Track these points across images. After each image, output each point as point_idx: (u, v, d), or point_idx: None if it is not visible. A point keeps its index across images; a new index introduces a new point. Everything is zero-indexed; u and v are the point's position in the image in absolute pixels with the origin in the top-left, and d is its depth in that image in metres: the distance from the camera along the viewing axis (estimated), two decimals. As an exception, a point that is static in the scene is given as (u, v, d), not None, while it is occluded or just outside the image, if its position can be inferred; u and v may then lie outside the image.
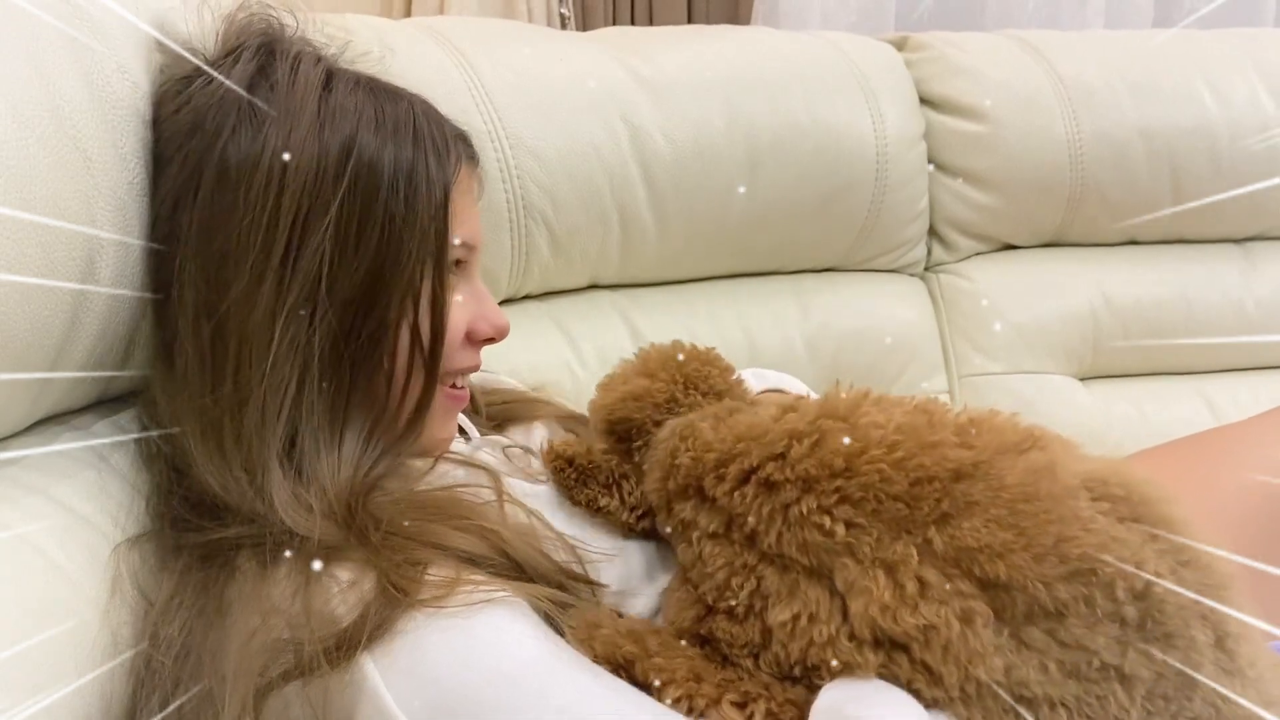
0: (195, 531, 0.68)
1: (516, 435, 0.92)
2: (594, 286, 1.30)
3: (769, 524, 0.62)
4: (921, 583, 0.58)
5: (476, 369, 0.81)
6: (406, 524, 0.67)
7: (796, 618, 0.60)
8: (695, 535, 0.66)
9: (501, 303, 1.23)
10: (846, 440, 0.62)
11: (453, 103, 1.11)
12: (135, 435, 0.75)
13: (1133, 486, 0.62)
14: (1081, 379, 1.47)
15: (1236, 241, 1.55)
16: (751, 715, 0.60)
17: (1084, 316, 1.45)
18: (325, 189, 0.69)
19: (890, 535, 0.59)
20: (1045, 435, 0.64)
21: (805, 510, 0.60)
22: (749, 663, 0.63)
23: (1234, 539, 0.65)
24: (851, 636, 0.59)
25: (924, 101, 1.41)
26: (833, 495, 0.60)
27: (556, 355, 1.22)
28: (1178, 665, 0.57)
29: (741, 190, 1.25)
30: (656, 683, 0.62)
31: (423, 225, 0.72)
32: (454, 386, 0.79)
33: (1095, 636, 0.57)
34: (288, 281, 0.69)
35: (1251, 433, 1.07)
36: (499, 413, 0.96)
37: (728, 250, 1.32)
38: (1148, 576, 0.58)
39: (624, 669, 0.64)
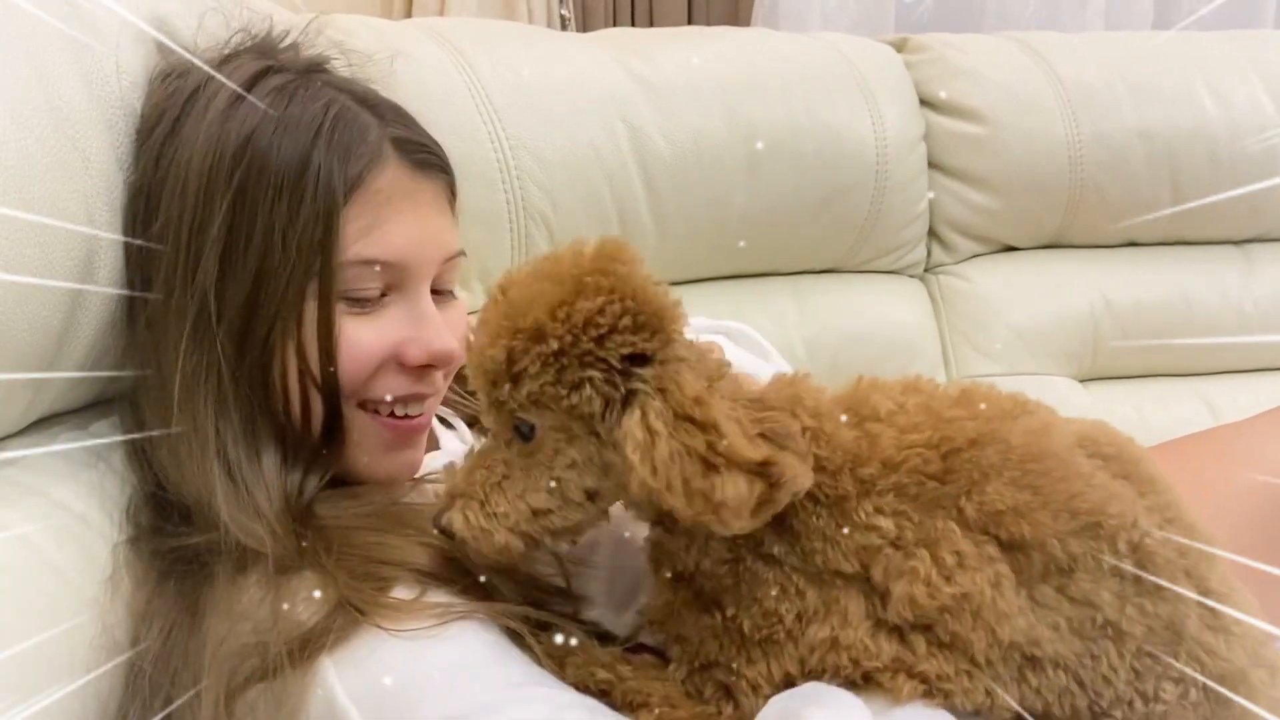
0: (170, 537, 0.68)
1: None
2: (594, 288, 1.29)
3: (829, 541, 0.60)
4: (959, 554, 0.59)
5: (422, 397, 0.75)
6: (367, 539, 0.66)
7: (833, 629, 0.60)
8: (749, 556, 0.62)
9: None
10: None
11: (453, 104, 1.12)
12: (121, 438, 0.74)
13: (1121, 445, 0.64)
14: (1081, 381, 1.46)
15: (1236, 243, 1.55)
16: None
17: (1084, 318, 1.44)
18: (214, 199, 0.67)
19: (927, 515, 0.60)
20: (1029, 400, 0.66)
21: (864, 514, 0.60)
22: (752, 689, 0.62)
23: (1233, 539, 0.65)
24: (872, 630, 0.60)
25: (924, 103, 1.41)
26: (889, 493, 0.60)
27: (556, 356, 1.22)
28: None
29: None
30: (631, 704, 0.62)
31: (305, 240, 0.67)
32: (394, 415, 0.74)
33: (1100, 591, 0.58)
34: (187, 297, 0.68)
35: (1250, 432, 1.07)
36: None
37: (728, 251, 1.31)
38: (1144, 529, 0.59)
39: (597, 696, 0.63)
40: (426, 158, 0.74)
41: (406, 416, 0.74)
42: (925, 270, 1.47)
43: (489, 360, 0.59)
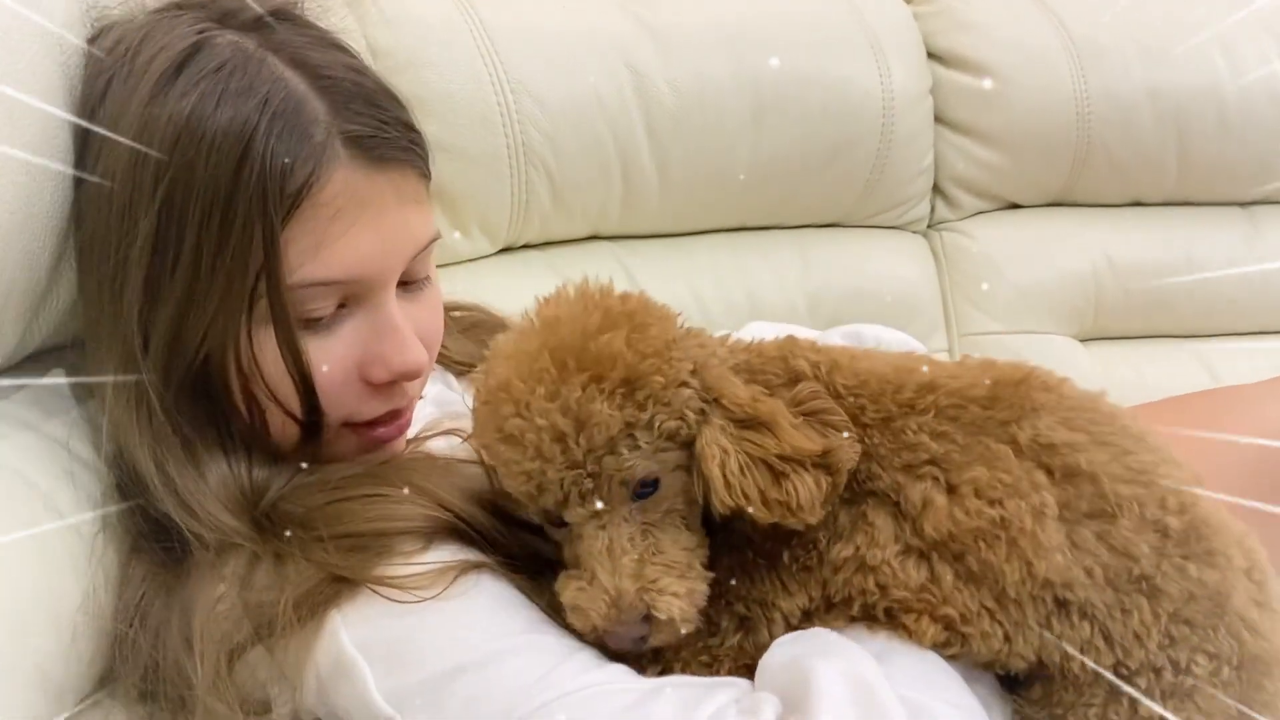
0: (145, 500, 0.66)
1: None
2: (594, 237, 1.28)
3: (873, 459, 0.60)
4: (1003, 476, 0.58)
5: (398, 413, 0.70)
6: (361, 505, 0.63)
7: (858, 549, 0.59)
8: None
9: (500, 251, 1.22)
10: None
11: (454, 45, 1.10)
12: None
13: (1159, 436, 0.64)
14: (1082, 340, 1.46)
15: (1241, 205, 1.54)
16: (717, 671, 0.61)
17: (1086, 277, 1.44)
18: (138, 212, 0.61)
19: (973, 438, 0.60)
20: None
21: (910, 433, 0.60)
22: (784, 619, 0.62)
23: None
24: (901, 555, 0.59)
25: (932, 56, 1.39)
26: (929, 411, 0.60)
27: (555, 306, 1.21)
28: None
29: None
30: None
31: (238, 265, 0.60)
32: (373, 423, 0.69)
33: (1140, 543, 0.57)
34: (116, 317, 0.63)
35: (1249, 396, 1.07)
36: (478, 352, 0.90)
37: (730, 203, 1.30)
38: (1198, 495, 0.59)
39: None
40: (385, 151, 0.64)
41: (380, 423, 0.69)
42: (929, 226, 1.46)
43: (602, 429, 0.55)
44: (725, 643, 0.61)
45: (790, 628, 0.61)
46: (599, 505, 0.57)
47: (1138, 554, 0.57)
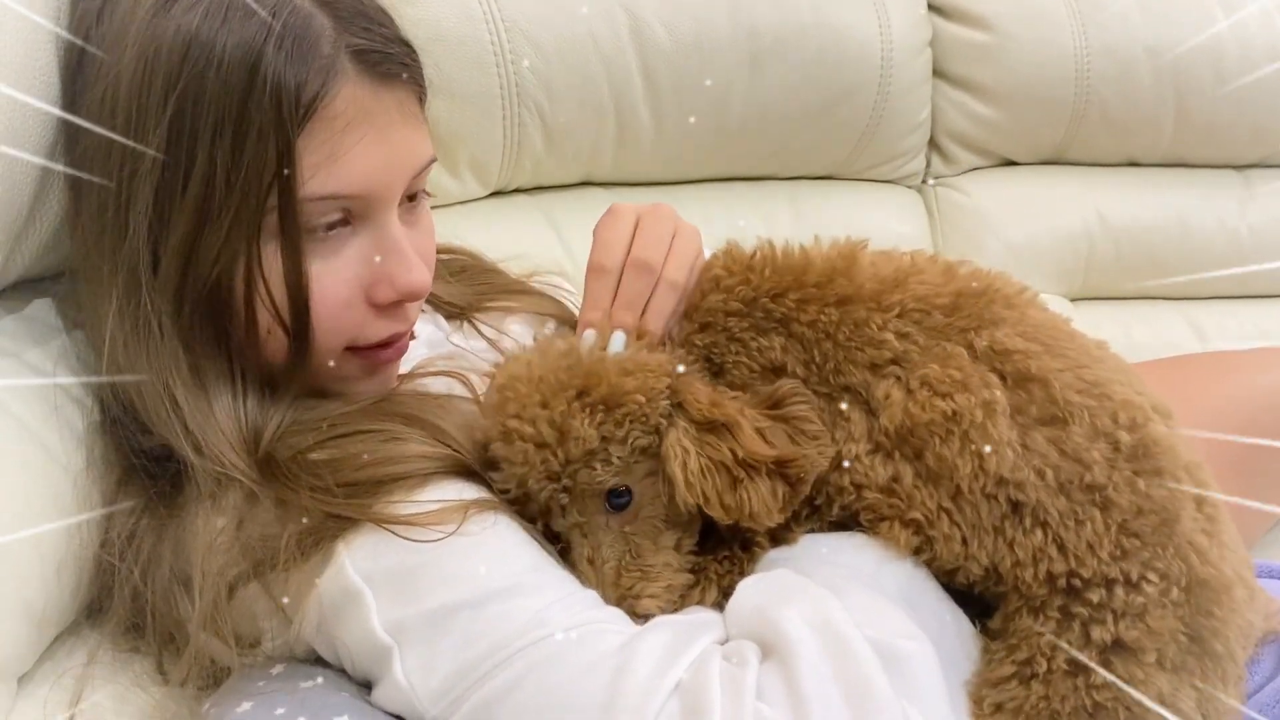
0: (139, 434, 0.65)
1: (488, 323, 0.87)
2: (587, 183, 1.27)
3: (839, 346, 0.63)
4: (956, 372, 0.61)
5: (399, 336, 0.70)
6: (362, 444, 0.63)
7: (837, 443, 0.63)
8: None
9: (491, 195, 1.21)
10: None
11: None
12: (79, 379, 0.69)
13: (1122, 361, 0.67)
14: (1072, 299, 1.46)
15: (1237, 167, 1.54)
16: (703, 592, 0.64)
17: (1079, 237, 1.43)
18: (147, 128, 0.59)
19: (933, 340, 0.62)
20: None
21: (874, 327, 0.63)
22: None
23: (1209, 461, 0.66)
24: (871, 450, 0.62)
25: (932, 8, 1.37)
26: (894, 309, 0.63)
27: (547, 252, 1.20)
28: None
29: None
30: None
31: (254, 177, 0.60)
32: (377, 346, 0.69)
33: (1091, 450, 0.60)
34: (119, 238, 0.62)
35: (1241, 361, 1.08)
36: (468, 296, 0.90)
37: (724, 152, 1.29)
38: (1150, 416, 0.61)
39: None
40: (389, 68, 0.65)
41: (382, 345, 0.70)
42: (923, 182, 1.45)
43: (579, 443, 0.59)
44: (718, 553, 0.65)
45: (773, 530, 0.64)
46: (577, 517, 0.62)
47: (1089, 461, 0.59)
